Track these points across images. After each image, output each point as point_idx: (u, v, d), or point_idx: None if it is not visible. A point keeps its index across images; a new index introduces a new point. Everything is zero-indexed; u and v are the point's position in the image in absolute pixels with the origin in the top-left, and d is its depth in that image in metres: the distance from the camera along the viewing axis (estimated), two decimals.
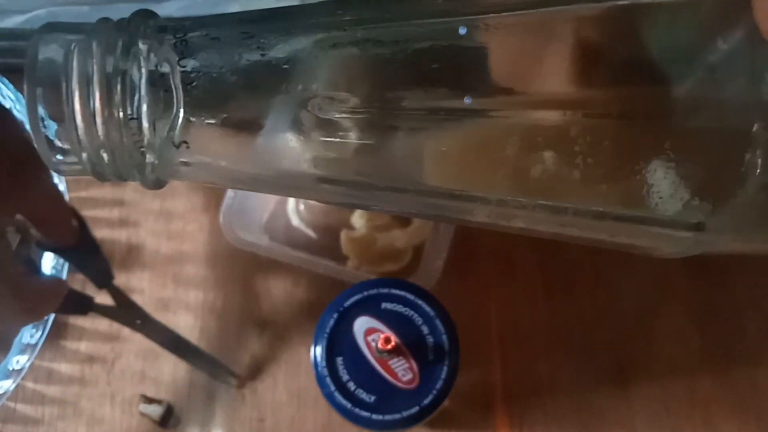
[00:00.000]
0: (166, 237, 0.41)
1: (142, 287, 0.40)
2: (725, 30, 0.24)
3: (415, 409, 0.29)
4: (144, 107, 0.24)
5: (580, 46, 0.24)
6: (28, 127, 0.35)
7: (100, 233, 0.41)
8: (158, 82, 0.24)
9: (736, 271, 0.39)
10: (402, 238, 0.39)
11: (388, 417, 0.29)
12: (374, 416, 0.29)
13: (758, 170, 0.23)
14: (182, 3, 0.36)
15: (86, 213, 0.41)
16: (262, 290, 0.40)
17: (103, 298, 0.35)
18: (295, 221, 0.40)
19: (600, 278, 0.40)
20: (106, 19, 0.26)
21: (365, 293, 0.30)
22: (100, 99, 0.24)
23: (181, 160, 0.25)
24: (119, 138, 0.24)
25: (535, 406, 0.38)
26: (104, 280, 0.34)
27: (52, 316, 0.37)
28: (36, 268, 0.35)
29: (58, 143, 0.25)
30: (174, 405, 0.38)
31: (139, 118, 0.24)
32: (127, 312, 0.36)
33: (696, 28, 0.25)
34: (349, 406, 0.29)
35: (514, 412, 0.38)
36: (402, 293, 0.30)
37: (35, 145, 0.25)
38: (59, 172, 0.27)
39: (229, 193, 0.39)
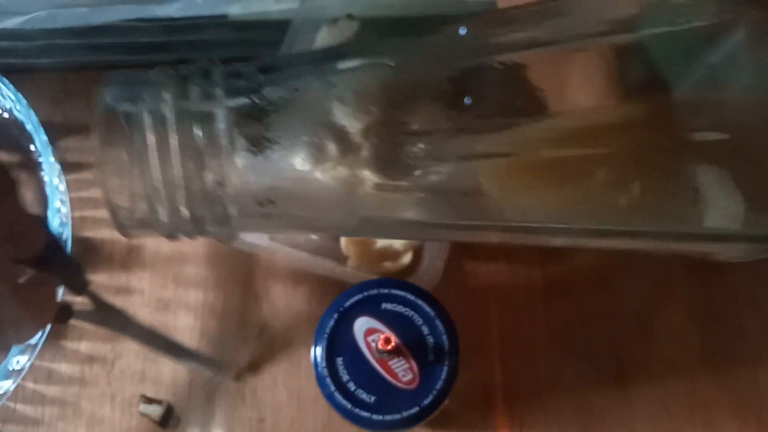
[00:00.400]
0: None
1: (142, 287, 0.40)
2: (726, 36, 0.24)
3: (415, 409, 0.29)
4: (225, 158, 0.23)
5: (622, 71, 0.25)
6: (28, 127, 0.35)
7: (100, 233, 0.41)
8: (239, 130, 0.24)
9: (736, 272, 0.39)
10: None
11: (388, 417, 0.29)
12: (374, 416, 0.29)
13: None
14: (181, 4, 0.36)
15: (86, 213, 0.41)
16: (262, 290, 0.40)
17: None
18: None
19: (600, 278, 0.39)
20: (165, 69, 0.25)
21: (365, 294, 0.30)
22: (179, 151, 0.23)
23: (263, 212, 0.25)
24: (200, 190, 0.24)
25: (535, 406, 0.38)
26: (80, 287, 0.34)
27: None
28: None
29: (125, 202, 0.24)
30: (174, 405, 0.38)
31: (220, 170, 0.24)
32: (107, 315, 0.35)
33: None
34: (349, 406, 0.29)
35: (514, 412, 0.38)
36: (402, 293, 0.30)
37: (108, 208, 0.24)
38: (128, 236, 0.26)
39: None
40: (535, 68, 0.25)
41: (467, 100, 0.25)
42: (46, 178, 0.39)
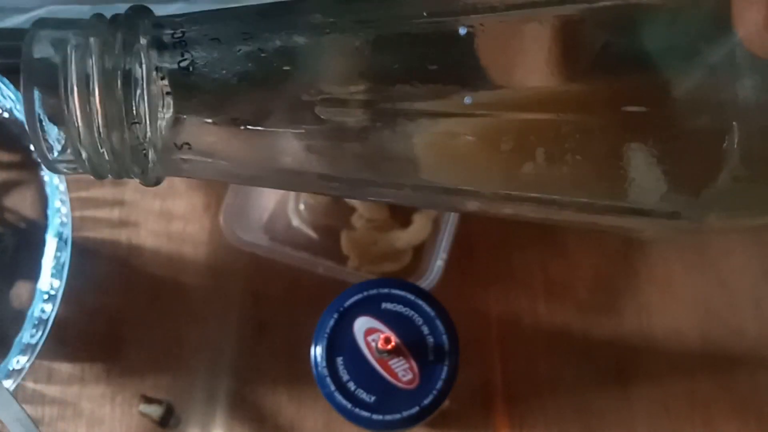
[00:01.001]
0: (167, 237, 0.41)
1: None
2: (721, 30, 0.24)
3: (415, 409, 0.29)
4: (145, 106, 0.24)
5: (560, 42, 0.25)
6: (27, 126, 0.35)
7: (100, 233, 0.41)
8: (158, 80, 0.24)
9: (736, 271, 0.39)
10: (402, 238, 0.39)
11: (388, 417, 0.29)
12: (374, 416, 0.29)
13: (732, 165, 0.23)
14: (181, 4, 0.36)
15: (86, 213, 0.41)
16: (262, 290, 0.40)
17: None
18: (296, 221, 0.40)
19: (600, 278, 0.40)
20: (100, 15, 0.25)
21: (365, 293, 0.30)
22: (100, 97, 0.24)
23: (182, 158, 0.25)
24: (120, 137, 0.24)
25: (535, 406, 0.38)
26: None
27: (53, 315, 0.37)
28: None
29: (55, 143, 0.25)
30: (174, 405, 0.38)
31: (140, 117, 0.24)
32: None
33: (692, 27, 0.25)
34: (349, 406, 0.29)
35: (514, 413, 0.38)
36: (402, 293, 0.30)
37: (34, 147, 0.25)
38: (56, 172, 0.26)
39: (230, 193, 0.39)
40: (485, 37, 0.25)
41: (467, 100, 0.25)
42: (46, 178, 0.39)
